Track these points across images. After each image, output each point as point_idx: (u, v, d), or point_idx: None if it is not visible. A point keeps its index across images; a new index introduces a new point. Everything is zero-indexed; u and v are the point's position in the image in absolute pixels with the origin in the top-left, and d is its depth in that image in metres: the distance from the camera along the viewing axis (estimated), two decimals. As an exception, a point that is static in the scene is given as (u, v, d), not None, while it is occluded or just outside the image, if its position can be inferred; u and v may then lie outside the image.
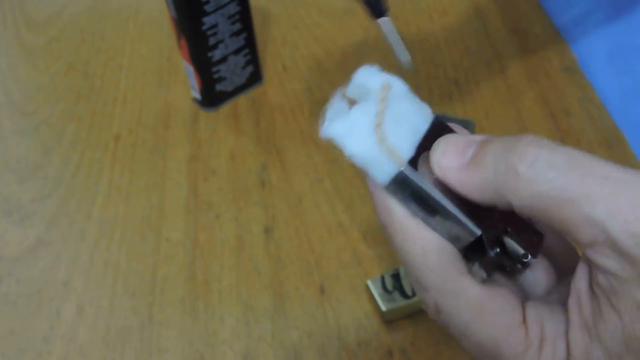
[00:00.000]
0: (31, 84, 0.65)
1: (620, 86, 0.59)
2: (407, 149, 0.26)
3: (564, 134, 0.56)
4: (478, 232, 0.26)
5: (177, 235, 0.52)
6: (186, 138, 0.58)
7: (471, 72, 0.62)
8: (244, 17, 0.57)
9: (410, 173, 0.26)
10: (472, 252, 0.26)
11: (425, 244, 0.26)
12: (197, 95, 0.60)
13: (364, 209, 0.52)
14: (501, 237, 0.26)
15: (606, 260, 0.22)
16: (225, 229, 0.52)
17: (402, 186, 0.26)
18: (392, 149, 0.26)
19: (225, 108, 0.61)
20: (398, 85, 0.27)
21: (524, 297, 0.27)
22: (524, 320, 0.25)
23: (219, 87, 0.59)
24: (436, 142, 0.26)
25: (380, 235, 0.50)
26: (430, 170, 0.26)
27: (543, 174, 0.23)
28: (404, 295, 0.45)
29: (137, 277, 0.49)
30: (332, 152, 0.56)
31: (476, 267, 0.26)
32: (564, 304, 0.25)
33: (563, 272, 0.28)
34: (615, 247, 0.22)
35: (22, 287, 0.49)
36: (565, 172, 0.22)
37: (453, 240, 0.26)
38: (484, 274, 0.25)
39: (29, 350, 0.46)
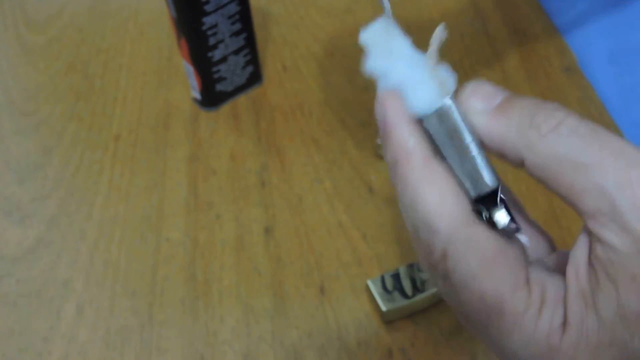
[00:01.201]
0: (31, 84, 0.65)
1: (620, 86, 0.59)
2: (451, 85, 0.26)
3: (564, 134, 0.56)
4: (497, 182, 0.25)
5: (177, 235, 0.52)
6: (186, 138, 0.58)
7: (471, 72, 0.62)
8: (244, 17, 0.57)
9: (456, 106, 0.26)
10: (481, 205, 0.25)
11: (444, 185, 0.25)
12: (197, 95, 0.60)
13: (364, 209, 0.52)
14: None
15: (607, 232, 0.22)
16: (225, 229, 0.52)
17: (441, 119, 0.25)
18: (443, 79, 0.26)
19: (225, 108, 0.61)
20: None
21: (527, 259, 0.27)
22: (528, 281, 0.25)
23: (219, 87, 0.59)
24: (465, 85, 0.26)
25: (380, 235, 0.50)
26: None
27: (565, 137, 0.23)
28: (404, 295, 0.45)
29: (137, 277, 0.49)
30: (332, 152, 0.56)
31: (502, 212, 0.24)
32: (562, 272, 0.25)
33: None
34: (618, 220, 0.22)
35: (22, 287, 0.49)
36: (585, 140, 0.23)
37: (472, 185, 0.25)
38: (507, 219, 0.24)
39: (29, 350, 0.46)
